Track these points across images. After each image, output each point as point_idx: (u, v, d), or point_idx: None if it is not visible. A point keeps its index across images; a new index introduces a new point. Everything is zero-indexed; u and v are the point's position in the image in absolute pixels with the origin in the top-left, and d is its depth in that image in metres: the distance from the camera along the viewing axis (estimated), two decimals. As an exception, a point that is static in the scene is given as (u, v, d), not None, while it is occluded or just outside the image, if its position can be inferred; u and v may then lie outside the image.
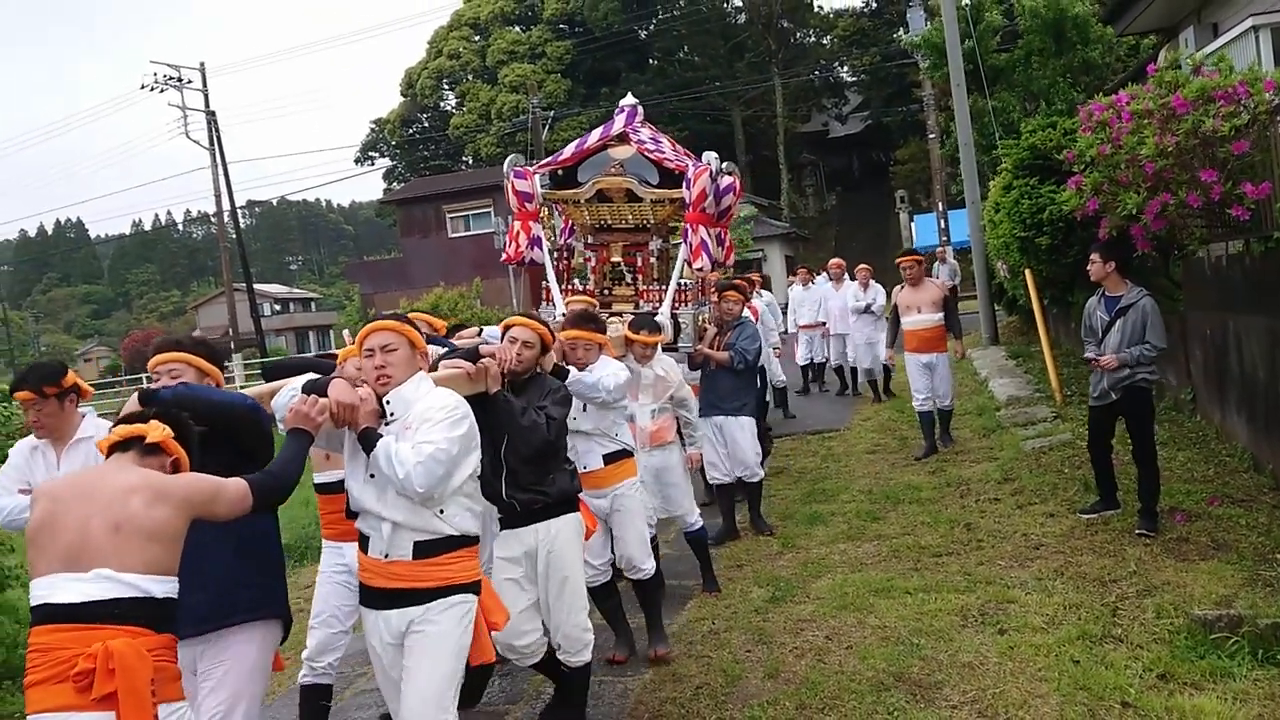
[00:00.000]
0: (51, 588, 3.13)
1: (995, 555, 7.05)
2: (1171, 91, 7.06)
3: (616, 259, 9.01)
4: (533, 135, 39.19)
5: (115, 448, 3.38)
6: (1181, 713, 4.61)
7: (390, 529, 3.93)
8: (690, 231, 8.32)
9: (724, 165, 9.00)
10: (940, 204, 33.47)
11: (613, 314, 8.06)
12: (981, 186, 17.49)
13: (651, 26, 56.72)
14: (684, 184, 8.31)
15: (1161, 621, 5.57)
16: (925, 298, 10.41)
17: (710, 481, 8.74)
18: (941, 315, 10.41)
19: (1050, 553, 6.93)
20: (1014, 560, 6.89)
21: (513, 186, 8.77)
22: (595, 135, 9.06)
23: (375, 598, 4.00)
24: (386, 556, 3.93)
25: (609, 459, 5.96)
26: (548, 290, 8.72)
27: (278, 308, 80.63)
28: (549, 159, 9.23)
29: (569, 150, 9.05)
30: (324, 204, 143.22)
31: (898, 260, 10.94)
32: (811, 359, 15.95)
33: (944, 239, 32.47)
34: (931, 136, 33.35)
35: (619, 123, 8.98)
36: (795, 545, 7.95)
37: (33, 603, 3.18)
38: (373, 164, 66.01)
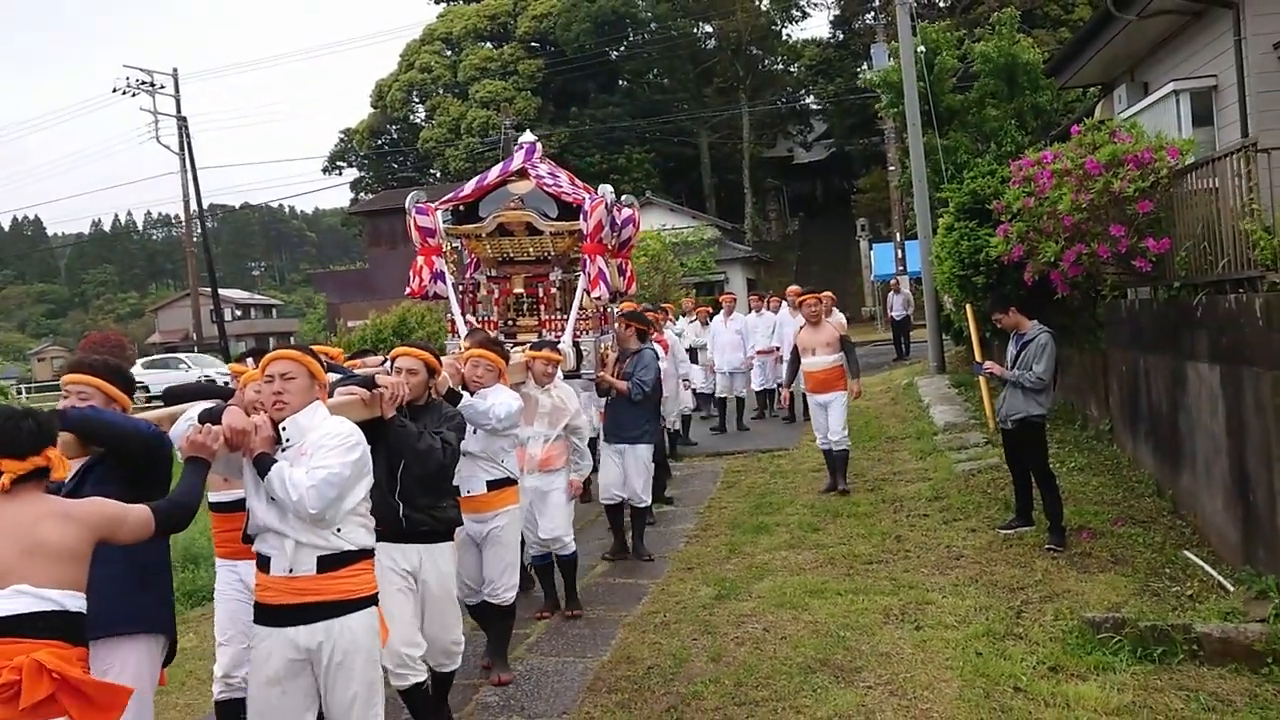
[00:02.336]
0: None
1: (920, 564, 7.82)
2: (1090, 152, 7.92)
3: (519, 290, 9.29)
4: (504, 153, 39.74)
5: (20, 479, 3.38)
6: (1065, 698, 5.37)
7: (294, 546, 4.05)
8: (588, 261, 8.70)
9: (623, 198, 9.47)
10: (898, 234, 34.41)
11: (517, 343, 8.37)
12: (934, 221, 18.32)
13: (622, 48, 57.29)
14: (581, 216, 8.69)
15: (1058, 623, 6.35)
16: (822, 339, 10.51)
17: (602, 501, 9.02)
18: (838, 356, 10.54)
19: (969, 563, 7.72)
20: (936, 568, 7.67)
21: (415, 223, 9.01)
22: (495, 171, 9.37)
23: (279, 616, 4.09)
24: (290, 572, 4.05)
25: (492, 485, 6.12)
26: (452, 323, 9.03)
27: (239, 313, 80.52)
28: (450, 195, 9.49)
29: (470, 186, 9.37)
30: (287, 210, 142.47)
31: (800, 299, 11.26)
32: (765, 384, 16.11)
33: (900, 268, 33.44)
34: (891, 169, 34.37)
35: (518, 159, 9.30)
36: (741, 551, 8.70)
37: None
38: (340, 174, 66.03)
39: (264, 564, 4.13)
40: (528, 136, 9.76)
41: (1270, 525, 6.12)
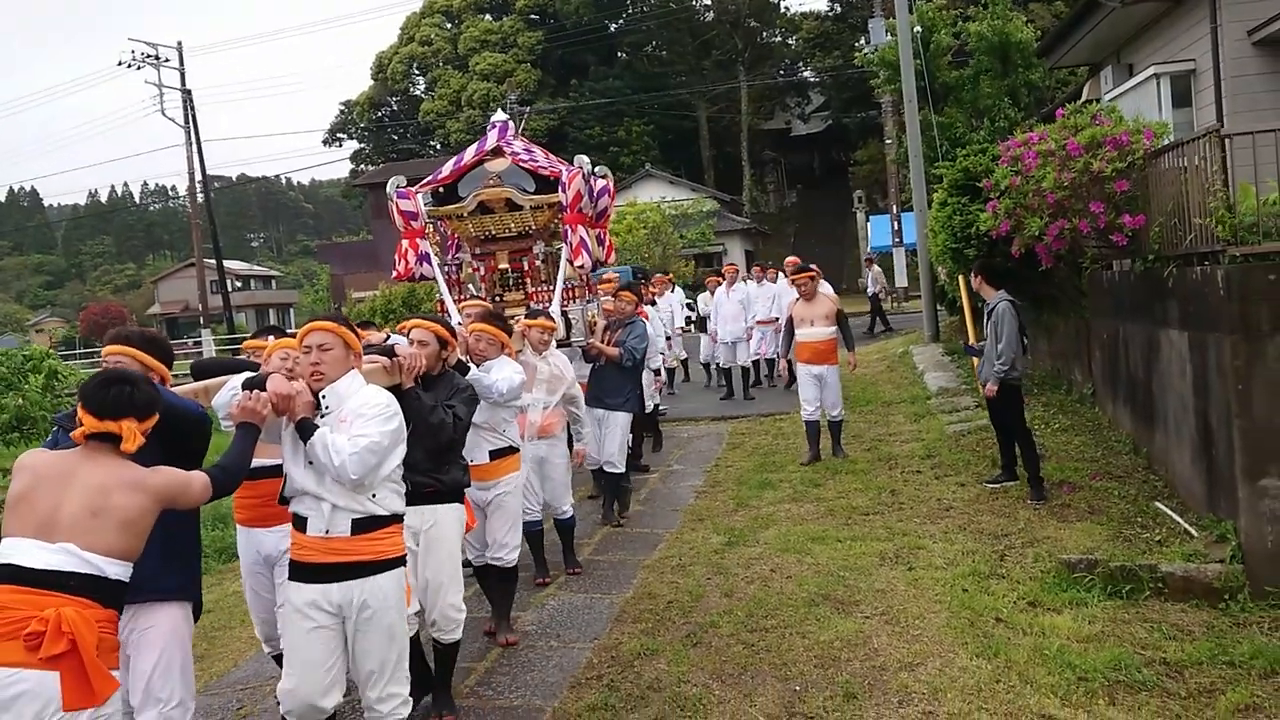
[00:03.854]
0: (18, 550, 3.43)
1: (912, 515, 8.50)
2: (1072, 134, 8.53)
3: (504, 266, 9.51)
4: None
5: (92, 436, 3.59)
6: (1041, 627, 6.03)
7: (330, 509, 4.23)
8: (570, 232, 8.89)
9: (597, 169, 9.59)
10: (894, 206, 34.94)
11: (511, 319, 8.54)
12: (929, 195, 18.88)
13: (621, 21, 57.50)
14: (559, 187, 8.90)
15: (1037, 564, 7.02)
16: (819, 311, 10.71)
17: (587, 467, 9.24)
18: (833, 329, 10.72)
19: (957, 513, 8.39)
20: (927, 518, 8.34)
21: (397, 207, 9.20)
22: (471, 152, 9.54)
23: (313, 572, 4.28)
24: (327, 534, 4.24)
25: (495, 454, 6.33)
26: (441, 303, 9.23)
27: (239, 284, 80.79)
28: (429, 178, 9.65)
29: (447, 168, 9.50)
30: (284, 181, 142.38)
31: (792, 276, 11.54)
32: (762, 353, 16.49)
33: (897, 240, 34.05)
34: (888, 142, 34.86)
35: (492, 138, 9.47)
36: (747, 505, 9.37)
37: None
38: (340, 145, 66.40)
39: (300, 524, 4.32)
40: (499, 116, 9.93)
41: (1230, 476, 6.74)
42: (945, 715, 4.92)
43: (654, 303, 14.51)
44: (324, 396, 4.31)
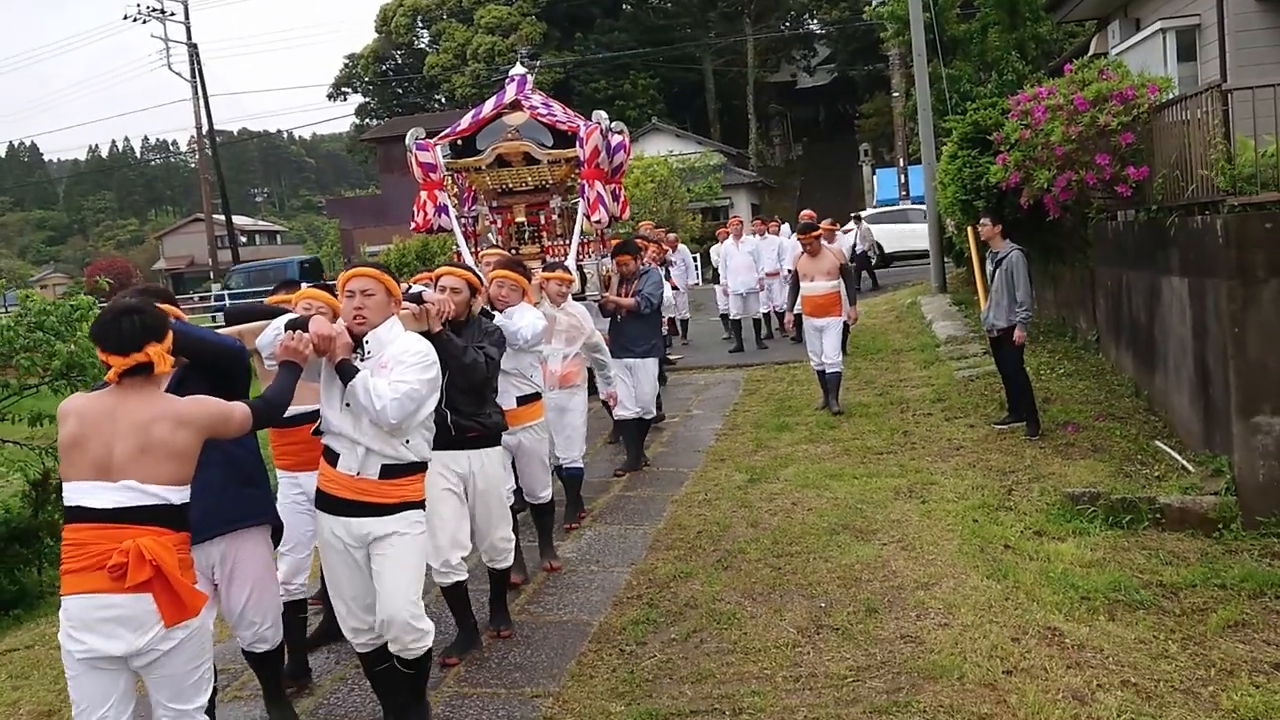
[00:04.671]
0: (83, 493, 3.60)
1: (924, 453, 8.94)
2: (1080, 89, 8.88)
3: (520, 219, 9.66)
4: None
5: (125, 374, 3.66)
6: (1046, 554, 6.49)
7: (364, 452, 4.37)
8: (587, 187, 9.03)
9: (613, 124, 9.70)
10: (901, 159, 35.14)
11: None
12: (937, 148, 19.16)
13: (627, -28, 57.34)
14: (577, 143, 9.00)
15: (1043, 498, 7.47)
16: (822, 267, 10.88)
17: (616, 417, 9.48)
18: (836, 283, 10.89)
19: (967, 452, 8.84)
20: (938, 457, 8.79)
21: (416, 159, 9.33)
22: (489, 105, 9.67)
23: (339, 506, 4.44)
24: (357, 474, 4.39)
25: (521, 400, 6.52)
26: (458, 254, 9.33)
27: (244, 239, 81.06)
28: (448, 130, 9.78)
29: (466, 121, 9.64)
30: (285, 136, 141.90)
31: (798, 235, 11.72)
32: (772, 306, 16.61)
33: (904, 193, 34.29)
34: (895, 95, 34.97)
35: (511, 91, 9.59)
36: (766, 446, 9.81)
37: (67, 503, 3.66)
38: (345, 100, 66.26)
39: (332, 459, 4.47)
40: (518, 70, 10.04)
41: (1225, 414, 7.16)
42: (959, 627, 5.37)
43: (667, 264, 14.68)
44: (366, 341, 4.42)
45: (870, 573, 6.26)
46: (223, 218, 46.24)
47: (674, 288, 15.02)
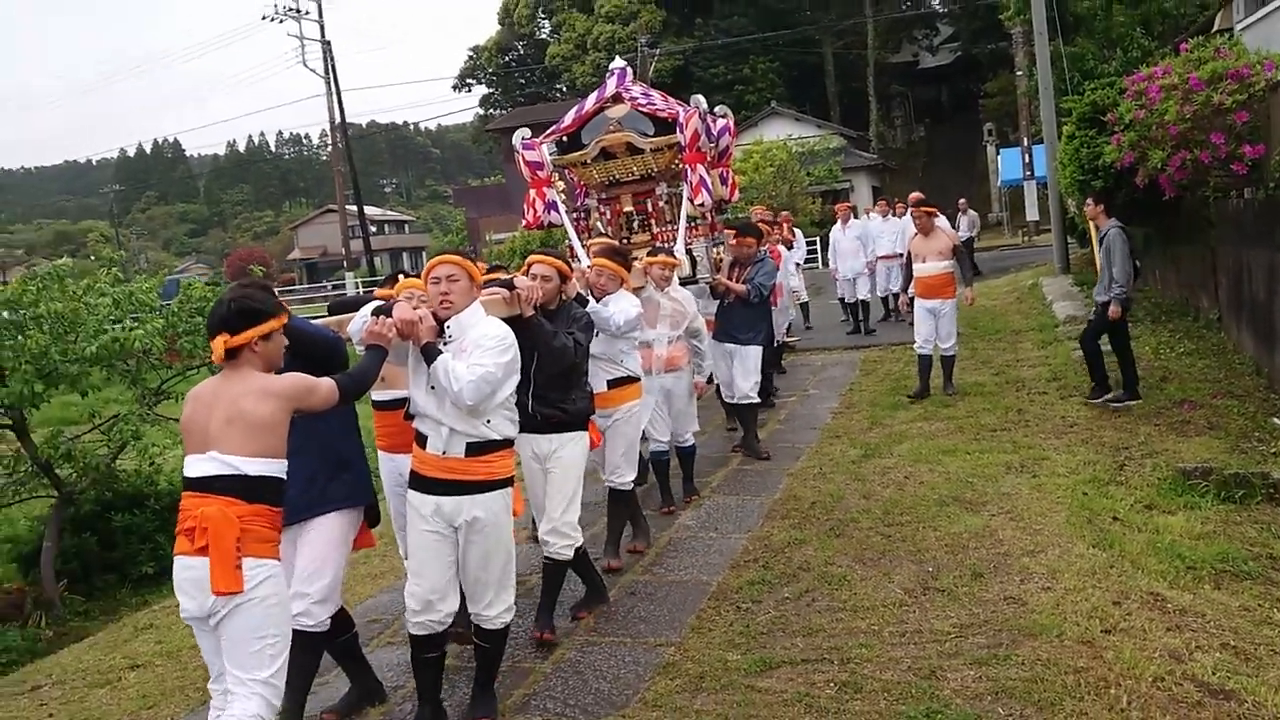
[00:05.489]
0: (188, 465, 3.94)
1: (1038, 431, 9.10)
2: (1195, 68, 8.93)
3: (629, 209, 9.81)
4: (640, 69, 40.53)
5: (227, 356, 3.97)
6: (1156, 526, 6.65)
7: (448, 432, 4.57)
8: (690, 171, 9.11)
9: (717, 108, 9.85)
10: (1025, 139, 34.57)
11: (633, 259, 8.17)
12: (1059, 128, 18.96)
13: (746, -44, 57.15)
14: (677, 128, 9.11)
15: (1155, 473, 7.59)
16: (934, 247, 10.81)
17: (724, 400, 9.60)
18: (949, 263, 10.81)
19: (1081, 429, 8.97)
20: (1052, 434, 8.94)
21: (523, 158, 9.53)
22: (591, 100, 9.81)
23: (429, 485, 4.65)
24: (444, 454, 4.59)
25: (613, 384, 6.65)
26: (570, 248, 9.48)
27: (374, 229, 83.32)
28: (552, 129, 9.93)
29: (569, 117, 9.80)
30: (412, 127, 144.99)
31: (911, 210, 11.71)
32: (888, 289, 16.75)
33: (1028, 173, 33.76)
34: (1019, 73, 34.42)
35: (611, 85, 9.75)
36: (881, 423, 10.08)
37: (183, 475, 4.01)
38: (469, 91, 67.60)
39: (421, 441, 4.68)
40: (618, 63, 10.17)
41: (1342, 390, 7.24)
42: (1062, 590, 5.61)
43: (791, 245, 14.89)
44: (449, 326, 4.62)
45: (978, 541, 6.51)
46: (354, 208, 47.83)
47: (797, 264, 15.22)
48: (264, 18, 44.29)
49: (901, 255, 15.28)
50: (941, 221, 11.86)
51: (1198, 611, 5.33)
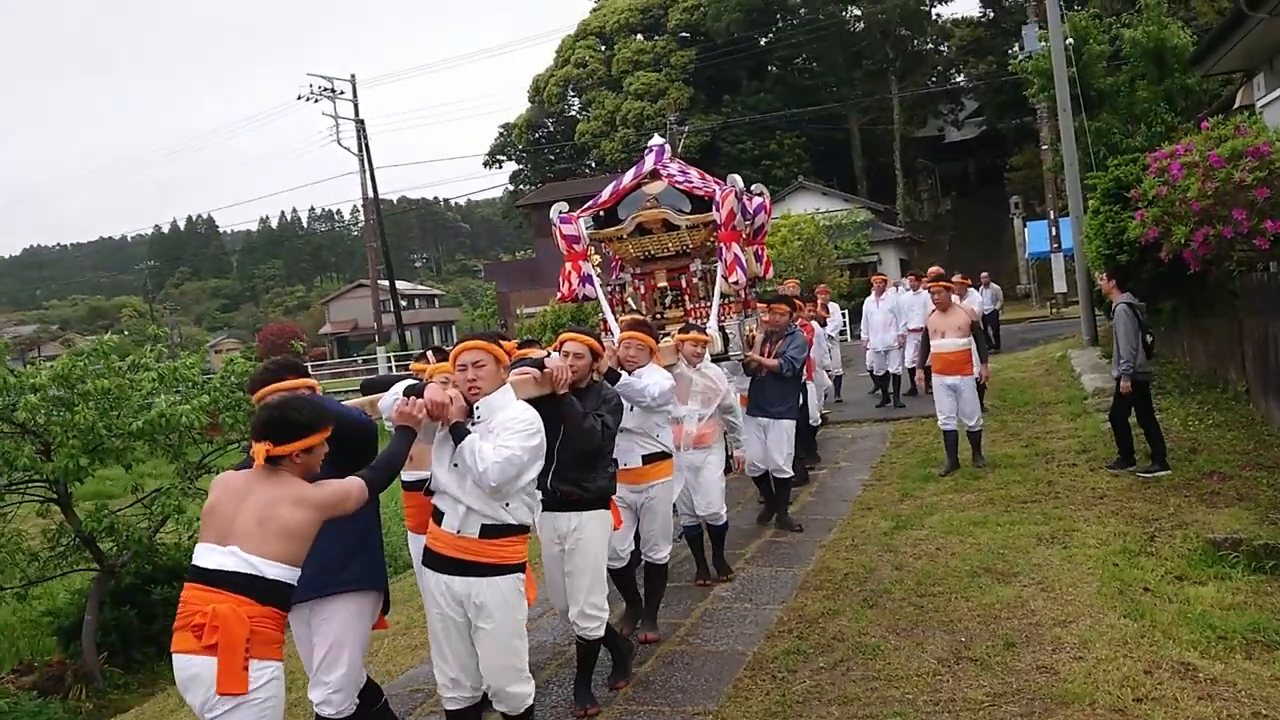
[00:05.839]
0: (200, 553, 3.90)
1: (1068, 502, 9.18)
2: (1215, 146, 9.14)
3: (663, 284, 9.87)
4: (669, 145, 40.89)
5: (269, 460, 3.99)
6: (1186, 596, 6.71)
7: (465, 511, 4.61)
8: (724, 249, 9.19)
9: (753, 187, 9.92)
10: (1052, 211, 34.83)
11: (665, 334, 8.48)
12: (1084, 202, 19.15)
13: (771, 35, 58.05)
14: (713, 207, 9.20)
15: (1185, 544, 7.64)
16: (953, 323, 10.77)
17: (749, 474, 9.36)
18: (967, 340, 10.76)
19: (1111, 500, 9.05)
20: (1082, 505, 9.02)
21: (560, 232, 9.62)
22: (629, 175, 9.90)
23: (441, 562, 4.71)
24: (458, 532, 4.65)
25: (647, 459, 6.61)
26: (604, 322, 9.58)
27: (404, 303, 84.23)
28: (590, 203, 10.03)
29: (606, 193, 9.89)
30: (441, 202, 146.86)
31: (928, 285, 11.63)
32: (917, 361, 16.41)
33: (1055, 245, 33.97)
34: (1044, 147, 34.78)
35: (649, 161, 9.84)
36: (912, 495, 10.19)
37: (192, 562, 3.98)
38: (500, 167, 68.60)
39: (438, 517, 4.74)
40: (656, 140, 10.26)
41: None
42: (1093, 660, 5.70)
43: (824, 321, 14.90)
44: (477, 408, 4.71)
45: (1010, 611, 6.61)
46: (386, 282, 48.51)
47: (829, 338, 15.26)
48: (299, 98, 45.38)
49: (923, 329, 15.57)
50: (971, 297, 11.91)
51: (1229, 681, 5.39)
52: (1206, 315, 12.63)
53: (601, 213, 10.00)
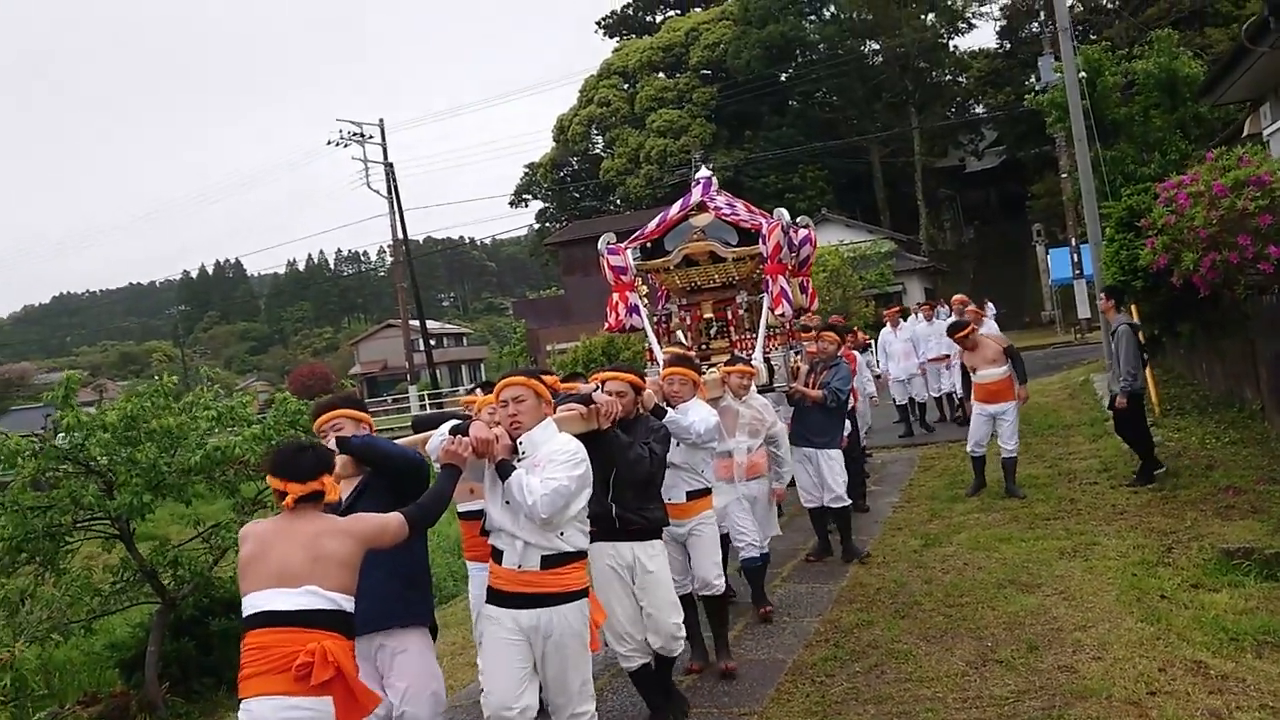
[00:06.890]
0: (266, 599, 3.85)
1: (1089, 518, 9.61)
2: (1220, 176, 9.61)
3: (709, 315, 9.96)
4: (691, 178, 41.35)
5: (301, 500, 4.01)
6: (1201, 603, 7.12)
7: (523, 545, 4.70)
8: (770, 281, 9.26)
9: (799, 219, 10.05)
10: (1073, 239, 35.15)
11: (711, 364, 8.63)
12: (1102, 230, 19.51)
13: (791, 70, 58.57)
14: (760, 239, 9.30)
15: (1200, 555, 8.05)
16: (986, 356, 10.96)
17: (804, 504, 9.46)
18: (1006, 367, 10.89)
19: (1130, 516, 9.48)
20: (1103, 521, 9.45)
21: (608, 262, 9.73)
22: (676, 207, 9.99)
23: (507, 599, 4.78)
24: (520, 567, 4.72)
25: (691, 495, 6.63)
26: (650, 352, 9.73)
27: (433, 342, 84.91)
28: (637, 234, 10.15)
29: (654, 224, 10.00)
30: (468, 241, 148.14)
31: (950, 336, 11.68)
32: (940, 389, 16.99)
33: (1077, 271, 34.28)
34: (1064, 175, 35.14)
35: (697, 193, 9.95)
36: (940, 515, 10.64)
37: (248, 612, 3.88)
38: (526, 206, 69.36)
39: (497, 556, 4.83)
40: (703, 172, 10.39)
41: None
42: (1111, 659, 6.15)
43: (867, 348, 15.08)
44: (520, 443, 4.78)
45: (1033, 618, 7.07)
46: (415, 322, 49.27)
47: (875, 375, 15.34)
48: (329, 143, 46.38)
49: (949, 356, 15.72)
50: (988, 326, 12.17)
51: (1239, 677, 5.81)
52: (1222, 337, 13.03)
53: (648, 244, 10.12)
